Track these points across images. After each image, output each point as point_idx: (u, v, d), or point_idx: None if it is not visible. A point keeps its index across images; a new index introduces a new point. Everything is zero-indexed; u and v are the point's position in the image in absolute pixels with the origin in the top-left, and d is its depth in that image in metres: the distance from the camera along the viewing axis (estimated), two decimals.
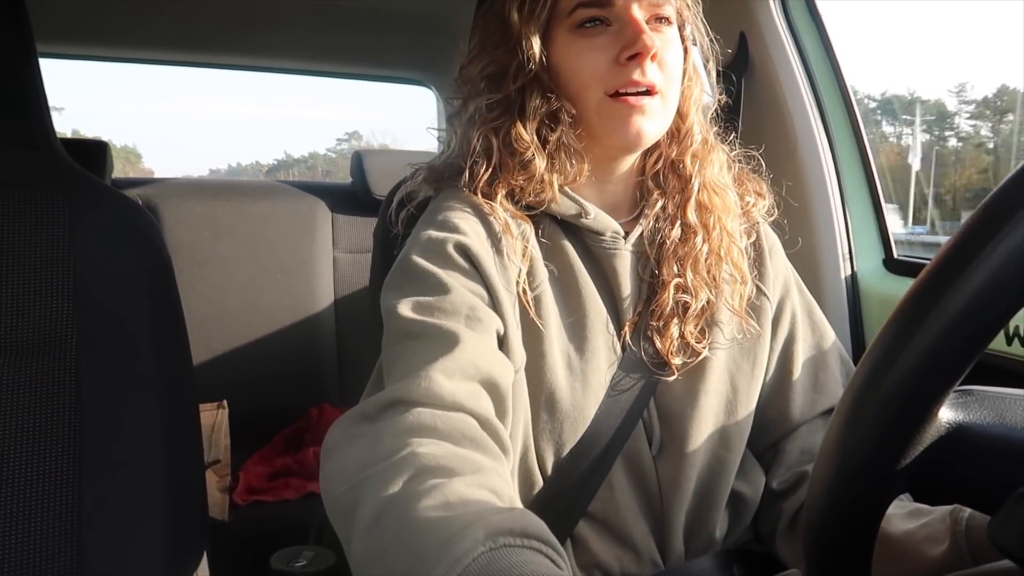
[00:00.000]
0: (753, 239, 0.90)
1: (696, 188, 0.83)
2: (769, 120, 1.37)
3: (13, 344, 0.76)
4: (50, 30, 1.80)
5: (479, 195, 0.79)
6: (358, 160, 2.12)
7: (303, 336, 2.02)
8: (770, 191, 0.91)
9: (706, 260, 0.82)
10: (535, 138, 0.79)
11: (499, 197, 0.79)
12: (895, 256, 1.34)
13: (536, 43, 0.78)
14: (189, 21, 1.84)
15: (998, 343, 1.06)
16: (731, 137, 0.91)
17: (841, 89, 1.36)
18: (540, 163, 0.78)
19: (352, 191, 2.15)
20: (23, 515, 0.72)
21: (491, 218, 0.78)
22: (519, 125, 0.79)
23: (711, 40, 0.87)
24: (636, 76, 0.75)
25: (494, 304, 0.74)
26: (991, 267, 0.37)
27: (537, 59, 0.78)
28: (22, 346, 0.76)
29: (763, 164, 0.93)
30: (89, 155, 1.88)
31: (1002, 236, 0.37)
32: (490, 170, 0.79)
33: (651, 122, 0.78)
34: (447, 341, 0.67)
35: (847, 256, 1.34)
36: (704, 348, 0.81)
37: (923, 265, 0.42)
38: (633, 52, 0.75)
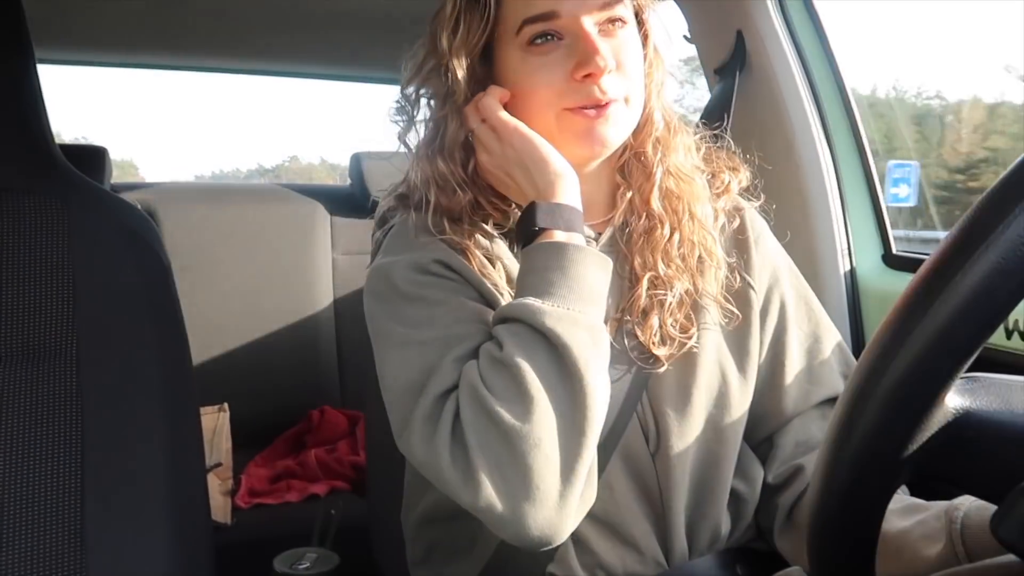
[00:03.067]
0: (737, 225, 0.88)
1: (659, 176, 0.81)
2: (767, 117, 1.37)
3: (14, 350, 0.76)
4: (43, 36, 1.79)
5: (434, 223, 0.78)
6: (357, 163, 2.12)
7: (303, 338, 2.03)
8: (744, 164, 0.89)
9: (679, 249, 0.81)
10: (459, 170, 0.78)
11: (448, 227, 0.77)
12: (894, 252, 1.34)
13: (461, 72, 0.76)
14: (189, 24, 1.84)
15: (998, 338, 1.06)
16: (726, 135, 0.90)
17: (839, 85, 1.36)
18: (463, 195, 0.77)
19: (351, 193, 2.15)
20: (27, 521, 0.72)
21: (454, 241, 0.77)
22: (438, 157, 0.78)
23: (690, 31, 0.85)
24: (595, 94, 0.73)
25: (484, 309, 0.75)
26: (1000, 249, 0.37)
27: (462, 88, 0.76)
28: (23, 352, 0.76)
29: (762, 162, 0.92)
30: (88, 160, 1.88)
31: (1012, 218, 0.37)
32: (432, 201, 0.78)
33: (615, 128, 0.76)
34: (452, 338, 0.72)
35: (846, 252, 1.34)
36: (690, 338, 0.80)
37: (922, 261, 0.42)
38: (587, 72, 0.72)
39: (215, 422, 1.75)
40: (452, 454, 0.65)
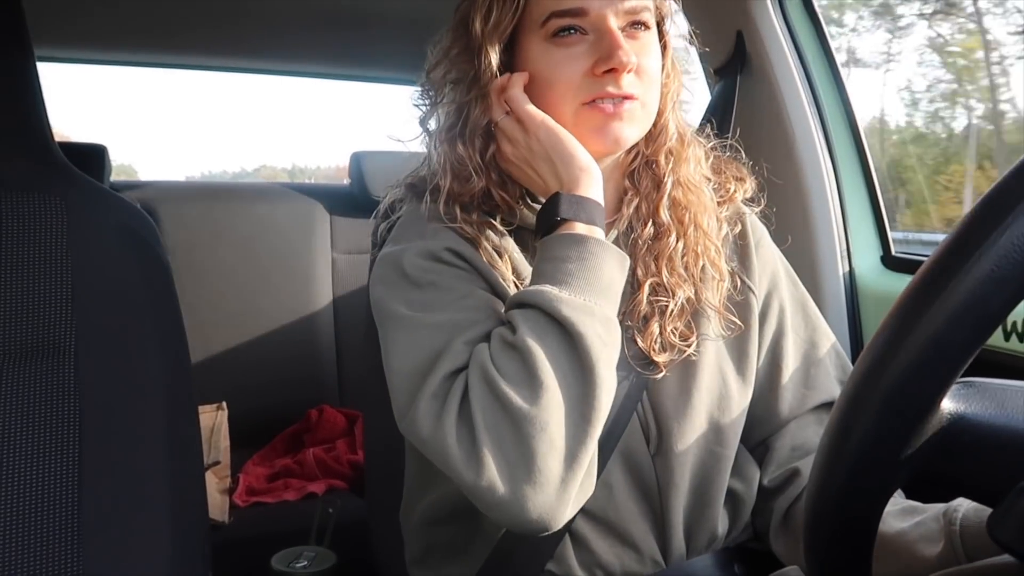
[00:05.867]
0: (738, 230, 0.89)
1: (669, 186, 0.82)
2: (766, 118, 1.37)
3: (12, 347, 0.76)
4: (42, 33, 1.79)
5: (445, 211, 0.78)
6: (357, 162, 2.12)
7: (302, 337, 2.03)
8: (751, 173, 0.89)
9: (682, 258, 0.81)
10: (476, 156, 0.78)
11: (459, 214, 0.78)
12: (893, 253, 1.34)
13: (495, 56, 0.76)
14: (185, 21, 1.84)
15: (996, 339, 1.06)
16: (733, 141, 0.90)
17: (838, 87, 1.36)
18: (476, 182, 0.78)
19: (350, 192, 2.15)
20: (24, 519, 0.72)
21: (461, 233, 0.77)
22: (458, 141, 0.78)
23: (693, 35, 0.85)
24: (611, 89, 0.74)
25: (493, 298, 0.76)
26: (994, 256, 0.38)
27: (493, 72, 0.77)
28: (21, 349, 0.76)
29: (761, 163, 0.92)
30: (87, 159, 1.88)
31: (1005, 225, 0.37)
32: (447, 187, 0.78)
33: (630, 127, 0.76)
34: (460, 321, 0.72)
35: (845, 253, 1.34)
36: (690, 346, 0.80)
37: (921, 262, 0.42)
38: (608, 67, 0.73)
39: (213, 420, 1.75)
40: (458, 433, 0.65)
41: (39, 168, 0.82)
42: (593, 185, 0.74)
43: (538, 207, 0.77)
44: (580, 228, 0.72)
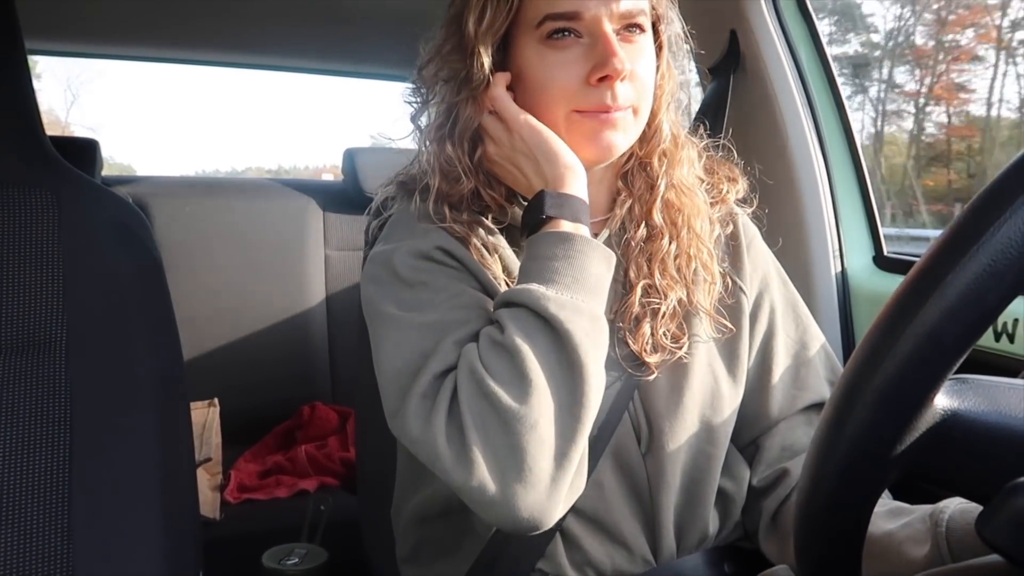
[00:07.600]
0: (730, 231, 0.89)
1: (663, 189, 0.82)
2: (759, 118, 1.38)
3: (3, 342, 0.75)
4: (33, 26, 1.78)
5: (435, 210, 0.78)
6: (350, 158, 2.11)
7: (294, 334, 2.02)
8: (743, 174, 0.89)
9: (675, 260, 0.81)
10: (465, 157, 0.78)
11: (448, 214, 0.77)
12: (885, 253, 1.34)
13: (487, 58, 0.75)
14: (182, 16, 1.83)
15: (986, 340, 1.07)
16: (718, 135, 0.91)
17: (831, 86, 1.37)
18: (466, 183, 0.78)
19: (343, 189, 2.15)
20: (14, 515, 0.72)
21: (451, 232, 0.77)
22: (447, 142, 0.78)
23: (688, 34, 0.85)
24: (607, 99, 0.74)
25: (484, 297, 0.75)
26: (992, 251, 0.38)
27: (485, 74, 0.76)
28: (12, 344, 0.76)
29: (753, 163, 0.93)
30: (79, 153, 1.87)
31: (1003, 220, 0.38)
32: (436, 186, 0.78)
33: (622, 135, 0.76)
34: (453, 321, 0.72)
35: (837, 253, 1.35)
36: (681, 348, 0.80)
37: (913, 262, 0.42)
38: (603, 74, 0.73)
39: (205, 417, 1.74)
40: (448, 432, 0.65)
41: (30, 162, 0.81)
42: (577, 182, 0.74)
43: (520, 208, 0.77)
44: (566, 226, 0.72)
